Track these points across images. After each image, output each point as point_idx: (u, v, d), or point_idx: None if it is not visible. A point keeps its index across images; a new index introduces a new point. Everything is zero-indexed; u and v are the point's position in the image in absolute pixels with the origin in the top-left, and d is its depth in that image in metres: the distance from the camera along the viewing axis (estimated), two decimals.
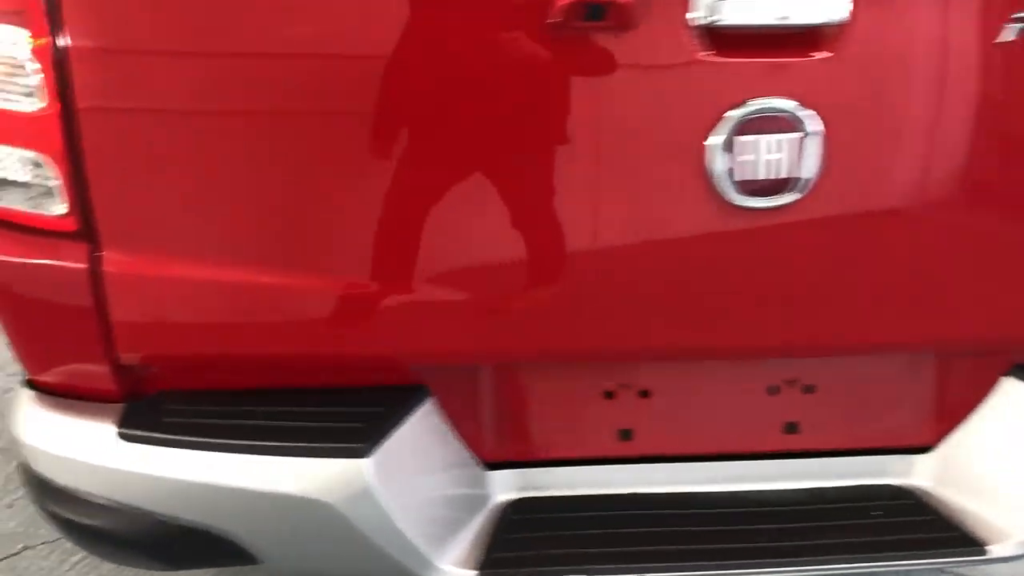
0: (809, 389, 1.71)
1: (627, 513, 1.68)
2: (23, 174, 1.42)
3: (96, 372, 1.52)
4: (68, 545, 2.76)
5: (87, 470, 1.50)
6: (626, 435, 1.70)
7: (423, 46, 1.34)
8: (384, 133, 1.40)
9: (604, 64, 1.37)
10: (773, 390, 1.71)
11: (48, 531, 2.81)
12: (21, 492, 2.98)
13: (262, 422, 1.50)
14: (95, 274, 1.44)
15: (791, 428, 1.72)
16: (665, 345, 1.56)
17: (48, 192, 1.42)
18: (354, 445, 1.46)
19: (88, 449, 1.49)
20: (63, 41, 1.35)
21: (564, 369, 1.67)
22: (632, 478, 1.71)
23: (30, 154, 1.41)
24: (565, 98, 1.39)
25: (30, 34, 1.35)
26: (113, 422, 1.51)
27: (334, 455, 1.46)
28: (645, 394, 1.69)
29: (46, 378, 1.57)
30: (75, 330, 1.48)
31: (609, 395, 1.69)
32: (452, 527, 1.61)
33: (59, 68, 1.35)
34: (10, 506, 2.92)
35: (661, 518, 1.68)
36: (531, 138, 1.41)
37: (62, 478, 1.52)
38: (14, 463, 3.12)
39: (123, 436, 1.48)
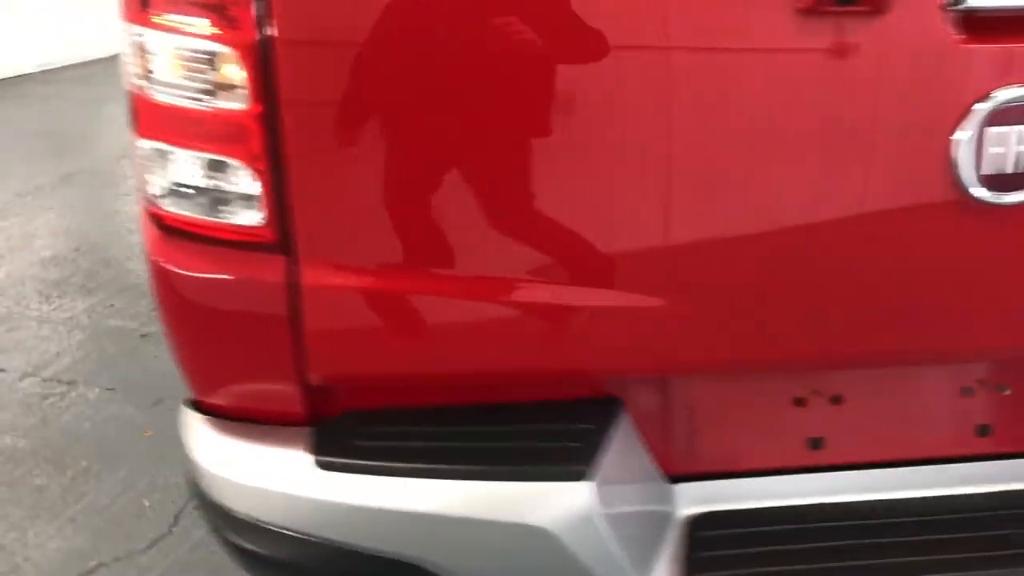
0: (1002, 389, 1.63)
1: (820, 525, 1.60)
2: (213, 180, 1.29)
3: (281, 393, 1.40)
4: (143, 560, 2.65)
5: (279, 501, 1.38)
6: (816, 444, 1.62)
7: (678, 35, 1.23)
8: (611, 131, 1.29)
9: (852, 51, 1.27)
10: (966, 391, 1.63)
11: (118, 546, 2.68)
12: (82, 505, 2.85)
13: (466, 444, 1.39)
14: (292, 288, 1.32)
15: (984, 430, 1.64)
16: (878, 351, 1.47)
17: (242, 200, 1.29)
18: (574, 467, 1.35)
19: (281, 478, 1.37)
20: (269, 32, 1.22)
21: (754, 376, 1.58)
22: (822, 487, 1.63)
23: (222, 158, 1.28)
24: (807, 88, 1.29)
25: (232, 26, 1.22)
26: (306, 448, 1.39)
27: (553, 478, 1.35)
28: (837, 400, 1.61)
29: (217, 400, 1.45)
30: (264, 349, 1.36)
31: (800, 402, 1.60)
32: (648, 547, 1.52)
33: (264, 64, 1.23)
34: (73, 520, 2.79)
35: (855, 529, 1.59)
36: (766, 132, 1.31)
37: (248, 508, 1.40)
38: (69, 473, 2.99)
39: (321, 464, 1.36)
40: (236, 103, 1.25)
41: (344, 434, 1.40)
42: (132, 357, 3.61)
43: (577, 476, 1.35)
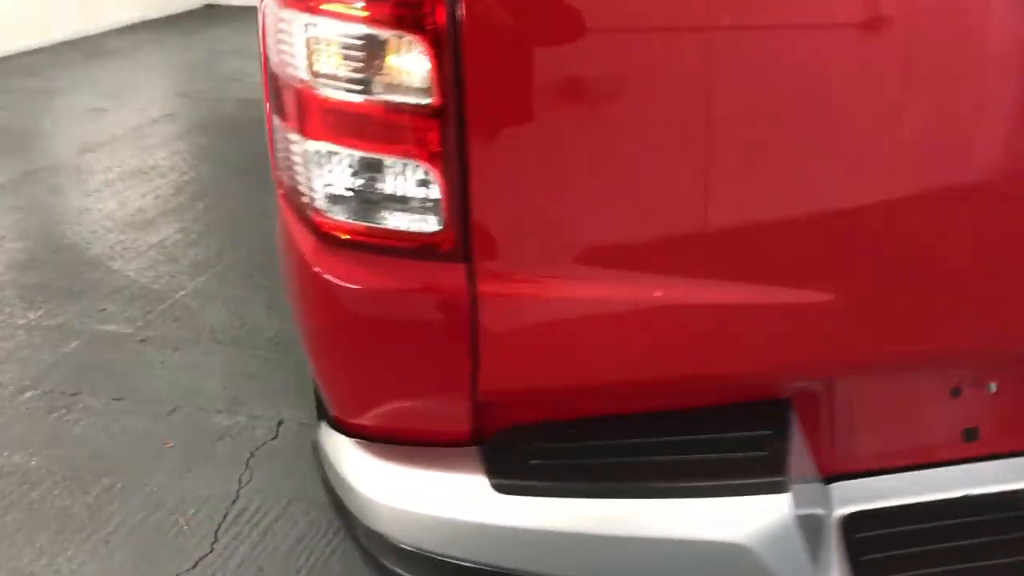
0: None
1: (982, 518, 1.54)
2: (386, 184, 1.17)
3: (447, 411, 1.29)
4: None
5: (455, 530, 1.27)
6: (971, 435, 1.56)
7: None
8: (797, 126, 1.20)
9: None
10: None
11: (160, 568, 2.53)
12: (112, 525, 2.69)
13: (648, 458, 1.29)
14: (471, 299, 1.20)
15: None
16: None
17: (419, 205, 1.17)
18: (772, 479, 1.27)
19: (457, 505, 1.26)
20: (456, 19, 1.09)
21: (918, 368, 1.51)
22: (976, 479, 1.57)
23: (398, 160, 1.16)
24: (1010, 69, 1.21)
25: (415, 11, 1.10)
26: (479, 471, 1.27)
27: (753, 492, 1.26)
28: (991, 388, 1.55)
29: (370, 420, 1.32)
30: (435, 364, 1.24)
31: (956, 392, 1.53)
32: (818, 552, 1.44)
33: (450, 54, 1.10)
34: (106, 542, 2.63)
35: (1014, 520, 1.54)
36: (968, 117, 1.24)
37: (418, 539, 1.29)
38: (92, 492, 2.81)
39: (499, 487, 1.25)
40: (417, 98, 1.12)
41: (516, 453, 1.29)
42: (135, 364, 3.42)
43: (778, 488, 1.27)
